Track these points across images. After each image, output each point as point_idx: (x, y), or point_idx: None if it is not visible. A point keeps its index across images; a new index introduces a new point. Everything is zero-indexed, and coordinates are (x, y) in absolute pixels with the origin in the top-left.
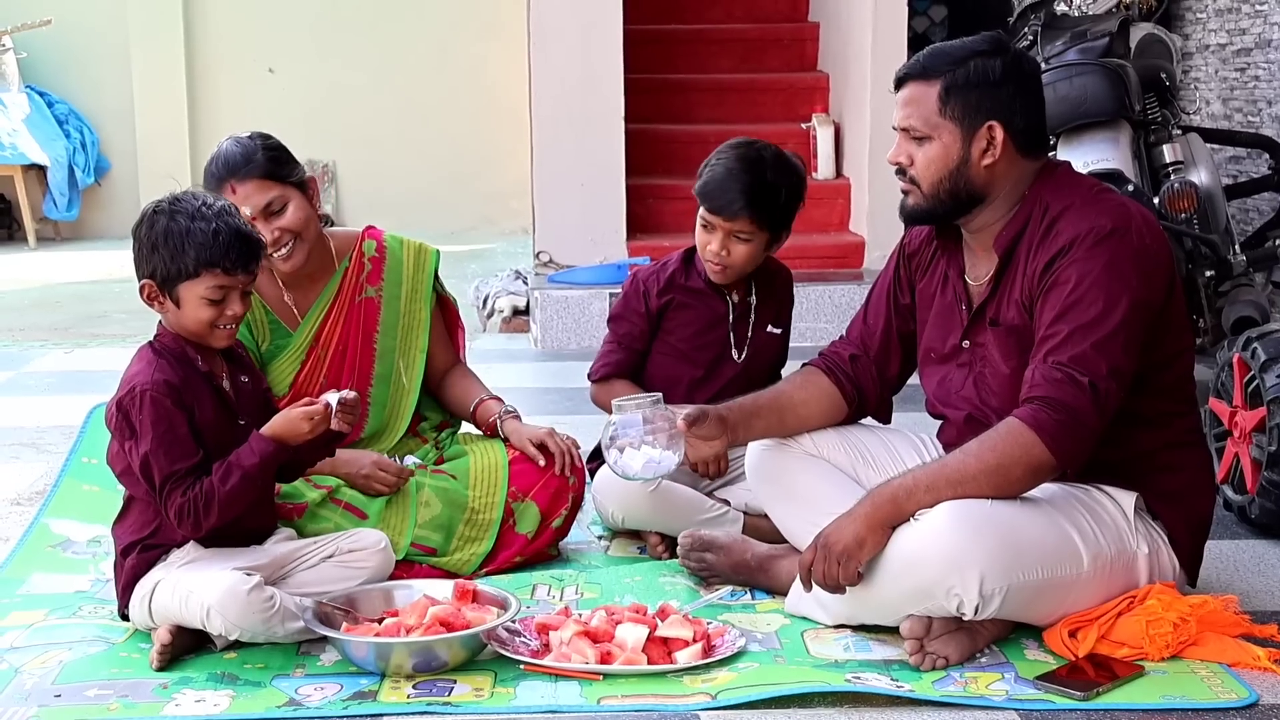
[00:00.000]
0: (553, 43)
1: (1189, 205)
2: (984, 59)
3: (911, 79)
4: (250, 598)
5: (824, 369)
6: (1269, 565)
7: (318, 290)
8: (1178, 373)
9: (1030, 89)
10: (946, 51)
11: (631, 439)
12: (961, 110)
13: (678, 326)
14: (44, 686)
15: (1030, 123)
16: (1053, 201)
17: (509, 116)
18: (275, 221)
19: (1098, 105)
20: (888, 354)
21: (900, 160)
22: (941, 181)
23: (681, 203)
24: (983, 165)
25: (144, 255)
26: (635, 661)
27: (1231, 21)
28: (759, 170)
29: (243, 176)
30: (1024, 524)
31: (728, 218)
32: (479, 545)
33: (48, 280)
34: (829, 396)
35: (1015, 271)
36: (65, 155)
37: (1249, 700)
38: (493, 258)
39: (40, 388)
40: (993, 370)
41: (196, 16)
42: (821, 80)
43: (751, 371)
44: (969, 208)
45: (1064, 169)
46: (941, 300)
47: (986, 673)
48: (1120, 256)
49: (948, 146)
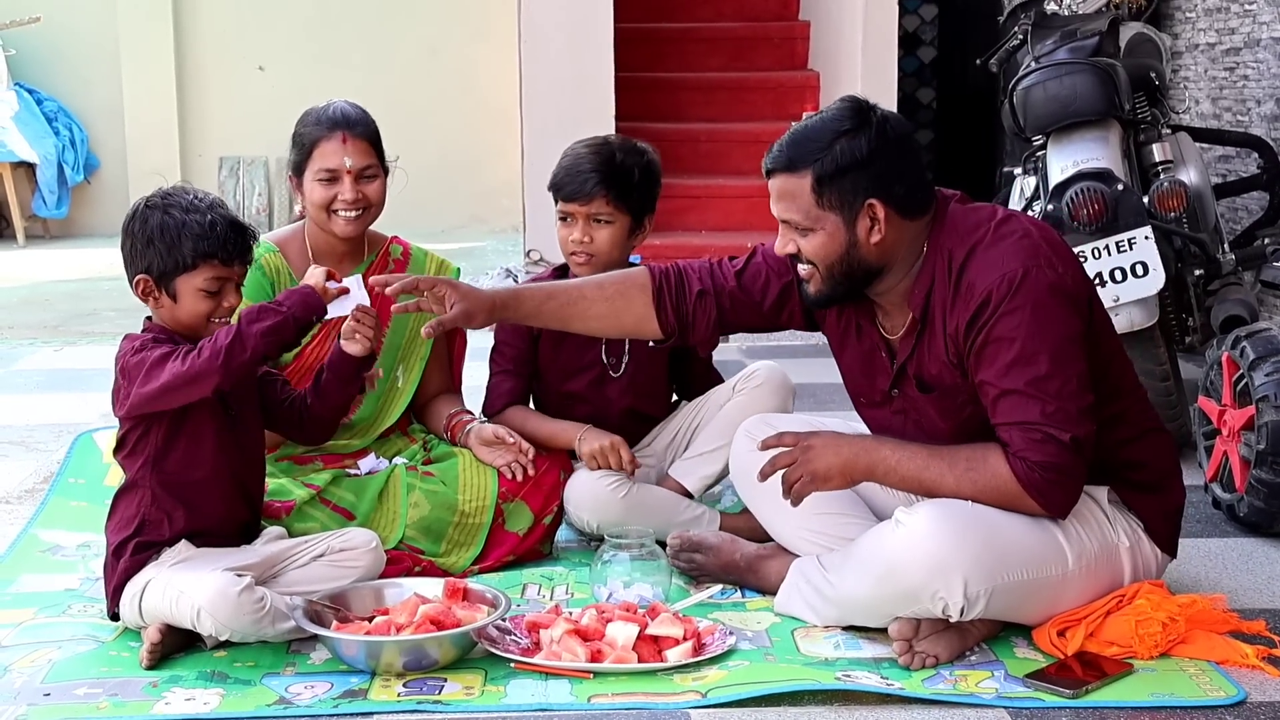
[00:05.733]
0: (543, 41)
1: (1178, 204)
2: (849, 139)
3: (779, 172)
4: (241, 599)
5: (655, 288)
6: (1257, 563)
7: (344, 272)
8: (1116, 370)
9: (901, 154)
10: (810, 137)
11: (622, 576)
12: (838, 198)
13: (551, 347)
14: (33, 685)
15: (908, 187)
16: (955, 248)
17: (499, 115)
18: (362, 186)
19: (1087, 104)
20: (742, 314)
21: (790, 250)
22: (835, 265)
23: (672, 201)
24: (872, 243)
25: (138, 250)
26: (626, 660)
27: (1221, 21)
28: (606, 152)
29: (358, 134)
30: (1007, 526)
31: (583, 201)
32: (468, 550)
33: (37, 278)
34: (635, 318)
35: (934, 329)
36: (54, 153)
37: (1237, 698)
38: (483, 256)
39: (29, 386)
40: (929, 424)
41: (186, 14)
42: (812, 79)
43: (638, 384)
44: (869, 281)
45: (953, 209)
46: (859, 346)
47: (976, 671)
48: (1042, 298)
49: (832, 235)
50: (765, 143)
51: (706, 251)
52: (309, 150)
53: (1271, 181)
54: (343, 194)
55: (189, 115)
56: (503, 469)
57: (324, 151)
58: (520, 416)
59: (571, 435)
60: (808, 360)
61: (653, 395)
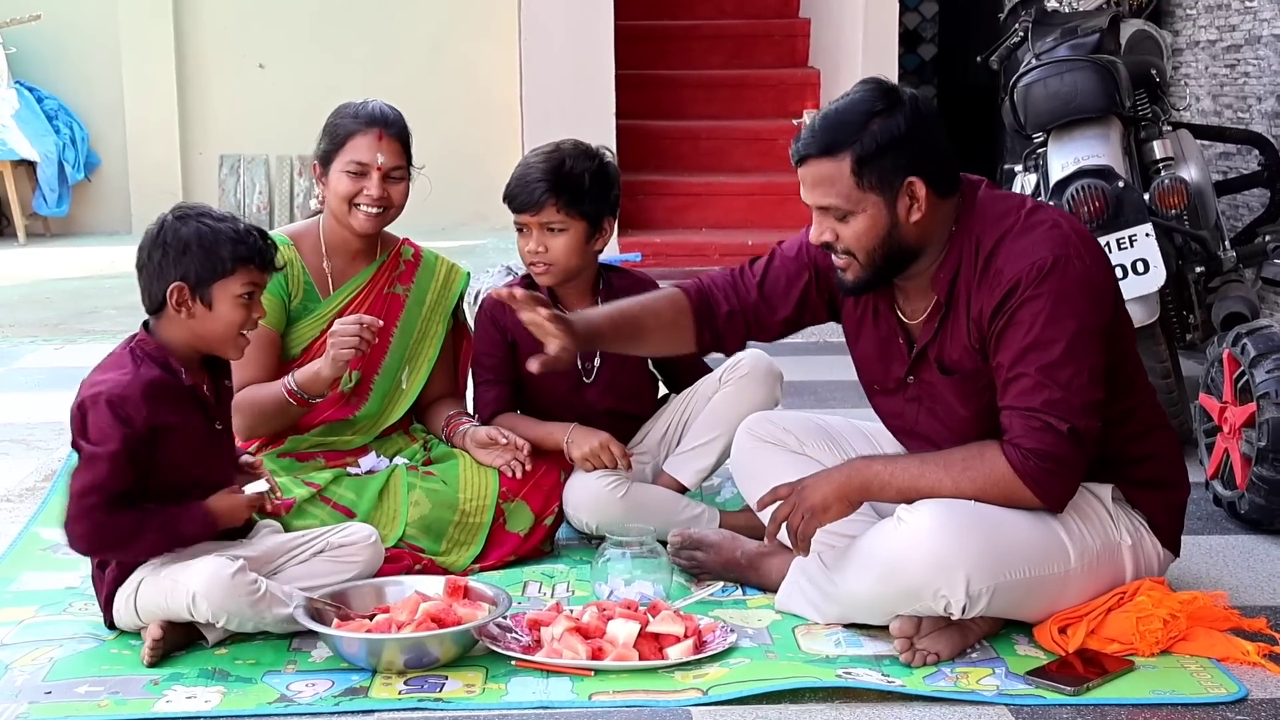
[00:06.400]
0: (544, 39)
1: (1179, 201)
2: (884, 118)
3: (814, 157)
4: (235, 580)
5: (694, 313)
6: (1257, 560)
7: (355, 270)
8: (1129, 368)
9: (933, 131)
10: (844, 120)
11: (623, 574)
12: (879, 178)
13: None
14: (34, 683)
15: (943, 164)
16: (983, 235)
17: (501, 112)
18: (389, 186)
19: (1088, 101)
20: (770, 327)
21: (826, 239)
22: (876, 250)
23: (673, 199)
24: (912, 223)
25: (172, 260)
26: (626, 657)
27: (1221, 18)
28: (556, 160)
29: (394, 134)
30: (1009, 523)
31: (533, 211)
32: (469, 549)
33: (37, 276)
34: (679, 341)
35: (958, 313)
36: (55, 151)
37: (1238, 695)
38: (484, 253)
39: (30, 384)
40: (945, 409)
41: (187, 12)
42: (812, 76)
43: (618, 385)
44: (907, 264)
45: (983, 194)
46: (876, 332)
47: (977, 668)
48: (1067, 288)
49: (874, 217)
50: (766, 140)
51: (707, 249)
52: (342, 142)
53: (1272, 178)
54: (369, 189)
55: (189, 113)
56: (502, 468)
57: (357, 145)
58: (509, 423)
59: (559, 436)
60: (807, 358)
61: (634, 395)
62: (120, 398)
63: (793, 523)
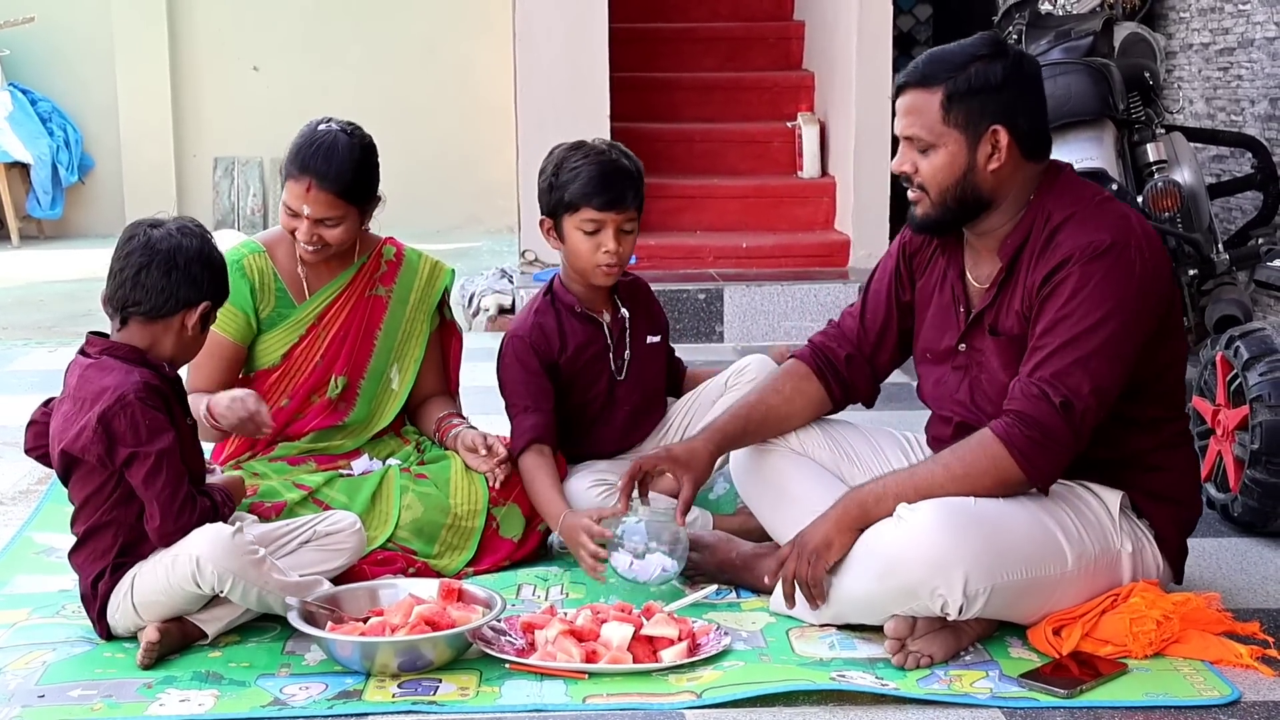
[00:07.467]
0: (538, 41)
1: (1172, 204)
2: (984, 63)
3: (911, 87)
4: (235, 540)
5: (814, 370)
6: (1251, 563)
7: (332, 274)
8: (1171, 380)
9: (1032, 90)
10: (946, 57)
11: (637, 545)
12: (965, 117)
13: (569, 364)
14: (27, 687)
15: (1034, 125)
16: (1055, 210)
17: (495, 115)
18: (320, 230)
19: (1082, 104)
20: (884, 351)
21: (905, 169)
22: (949, 189)
23: (667, 201)
24: (989, 170)
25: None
26: (620, 660)
27: (1215, 21)
28: (628, 158)
29: (325, 187)
30: (1008, 523)
31: (620, 209)
32: (461, 553)
33: (31, 278)
34: (817, 403)
35: (1017, 281)
36: (49, 153)
37: (1231, 697)
38: (478, 256)
39: (24, 386)
40: (989, 377)
41: (181, 14)
42: (807, 79)
43: (644, 380)
44: (977, 213)
45: (1067, 174)
46: (939, 299)
47: (971, 671)
48: (1116, 272)
49: (953, 155)
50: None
51: (702, 251)
52: (285, 176)
53: (1265, 181)
54: (299, 232)
55: (184, 115)
56: (487, 474)
57: (290, 189)
58: (533, 466)
59: (554, 515)
60: None
61: (655, 393)
62: (145, 394)
63: (800, 572)
